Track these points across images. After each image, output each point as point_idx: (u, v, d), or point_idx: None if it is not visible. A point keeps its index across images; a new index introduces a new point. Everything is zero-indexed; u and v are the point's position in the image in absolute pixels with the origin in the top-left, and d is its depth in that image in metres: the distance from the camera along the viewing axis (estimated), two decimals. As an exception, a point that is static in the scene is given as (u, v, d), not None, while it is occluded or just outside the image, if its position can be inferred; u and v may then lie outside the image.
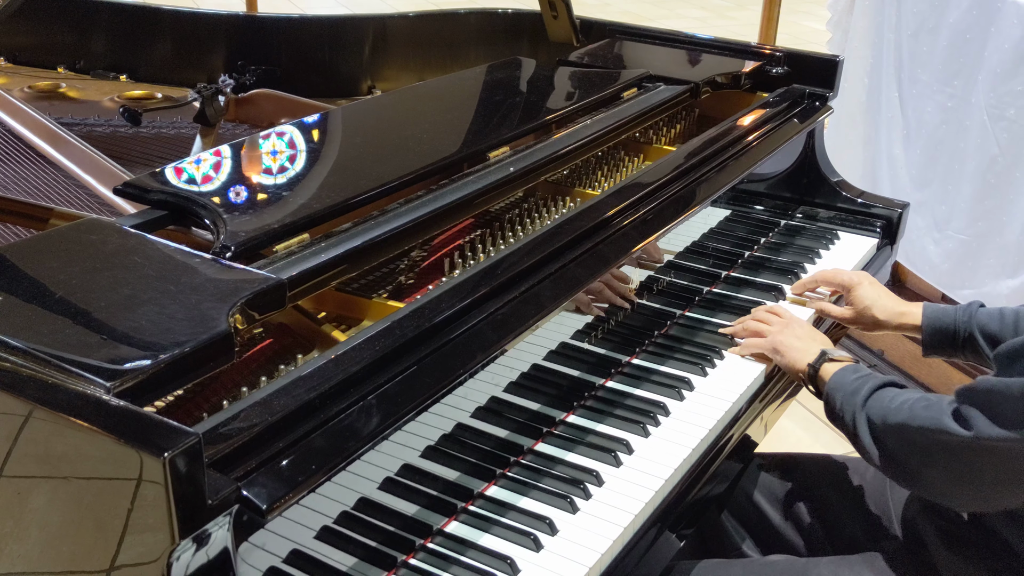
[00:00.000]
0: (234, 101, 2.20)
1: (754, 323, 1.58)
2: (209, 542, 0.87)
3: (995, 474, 1.12)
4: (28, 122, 1.87)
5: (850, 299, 1.64)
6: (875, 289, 1.62)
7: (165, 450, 0.80)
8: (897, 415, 1.19)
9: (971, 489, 1.15)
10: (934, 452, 1.14)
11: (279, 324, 1.24)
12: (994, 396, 1.08)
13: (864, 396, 1.26)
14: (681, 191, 1.62)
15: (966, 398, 1.11)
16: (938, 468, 1.15)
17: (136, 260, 1.11)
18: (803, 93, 2.04)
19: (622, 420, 1.38)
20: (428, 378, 1.13)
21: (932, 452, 1.14)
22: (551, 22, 2.25)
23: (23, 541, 0.95)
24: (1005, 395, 1.07)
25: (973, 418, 1.09)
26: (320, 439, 1.00)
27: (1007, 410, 1.07)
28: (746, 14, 7.33)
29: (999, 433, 1.06)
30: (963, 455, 1.11)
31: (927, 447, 1.15)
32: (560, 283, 1.34)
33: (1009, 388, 1.06)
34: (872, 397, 1.25)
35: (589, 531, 1.18)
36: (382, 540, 1.11)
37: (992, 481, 1.13)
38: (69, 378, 0.90)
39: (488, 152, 1.52)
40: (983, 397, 1.09)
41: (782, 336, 1.50)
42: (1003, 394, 1.07)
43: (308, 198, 1.31)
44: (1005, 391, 1.07)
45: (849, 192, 2.08)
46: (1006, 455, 1.08)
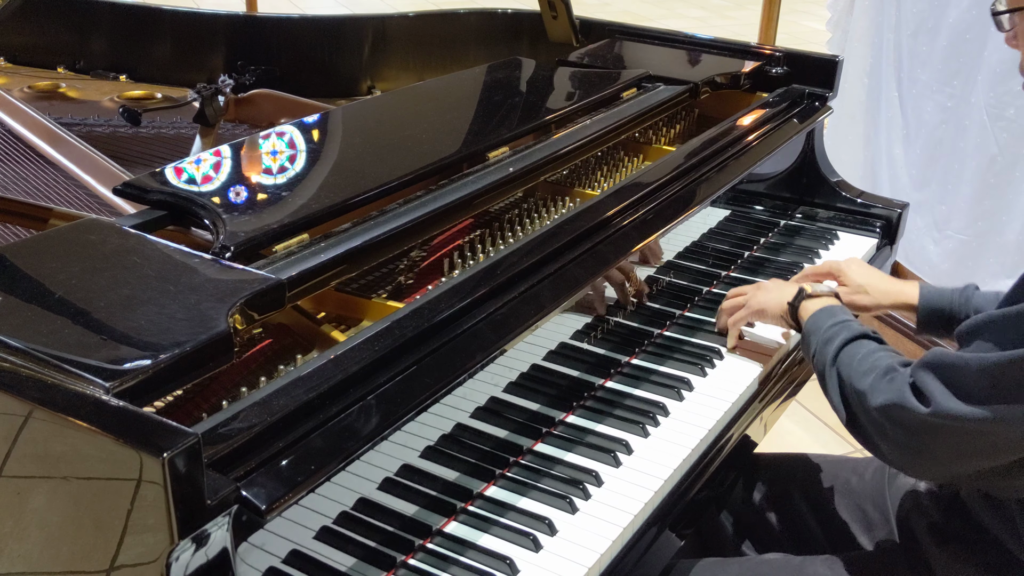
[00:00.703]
0: (234, 101, 2.20)
1: (728, 301, 1.58)
2: (208, 542, 0.87)
3: (950, 448, 1.12)
4: (28, 122, 1.87)
5: (843, 282, 1.64)
6: (866, 269, 1.63)
7: (164, 450, 0.80)
8: (862, 381, 1.19)
9: (926, 461, 1.16)
10: (892, 425, 1.15)
11: (278, 324, 1.24)
12: (953, 371, 1.09)
13: (835, 349, 1.25)
14: (681, 191, 1.62)
15: (926, 370, 1.12)
16: (895, 440, 1.15)
17: (135, 260, 1.11)
18: (803, 93, 2.04)
19: (621, 420, 1.38)
20: (427, 378, 1.13)
21: (890, 425, 1.15)
22: (551, 22, 2.25)
23: (23, 541, 0.95)
24: (963, 370, 1.08)
25: (931, 392, 1.10)
26: (319, 439, 1.00)
27: (964, 384, 1.08)
28: (745, 14, 7.33)
29: (956, 407, 1.07)
30: (920, 430, 1.12)
31: (885, 420, 1.15)
32: (559, 283, 1.34)
33: (967, 363, 1.08)
34: (843, 351, 1.24)
35: (588, 531, 1.18)
36: (381, 540, 1.11)
37: (947, 455, 1.13)
38: (68, 378, 0.90)
39: (488, 152, 1.53)
40: (942, 371, 1.10)
41: (757, 297, 1.51)
42: (961, 369, 1.08)
43: (307, 198, 1.31)
44: (963, 366, 1.08)
45: (849, 192, 2.08)
46: (960, 431, 1.09)
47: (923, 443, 1.13)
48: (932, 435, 1.12)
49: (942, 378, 1.10)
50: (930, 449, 1.14)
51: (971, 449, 1.11)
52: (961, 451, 1.12)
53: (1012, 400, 1.05)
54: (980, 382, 1.07)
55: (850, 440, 1.30)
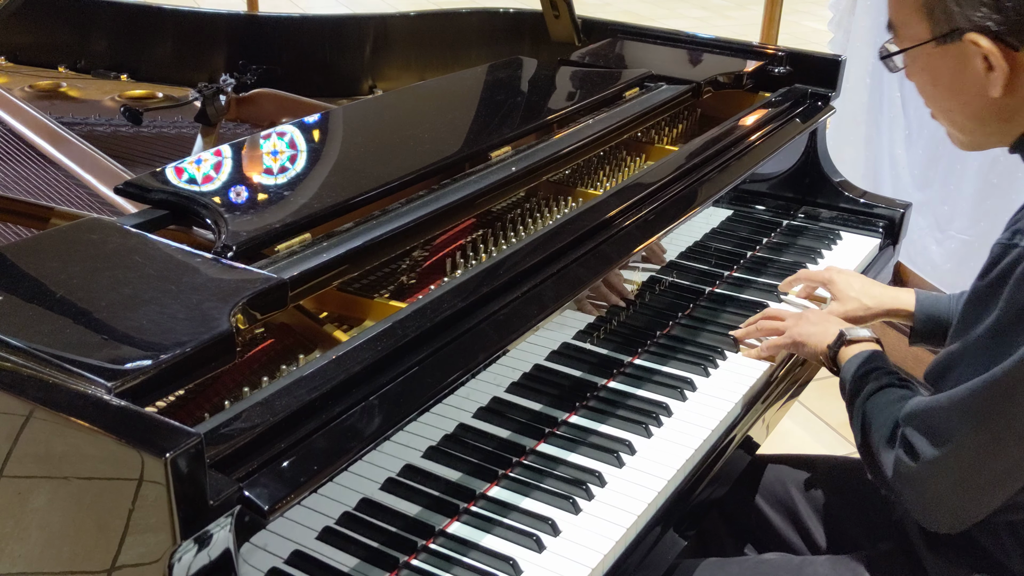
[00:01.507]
0: (235, 100, 2.19)
1: (768, 323, 1.57)
2: (211, 543, 0.87)
3: (955, 493, 1.13)
4: (29, 121, 1.87)
5: (835, 293, 1.63)
6: (857, 279, 1.62)
7: (167, 450, 0.80)
8: (875, 439, 1.20)
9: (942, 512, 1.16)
10: (901, 484, 1.17)
11: (281, 324, 1.24)
12: (929, 415, 1.12)
13: (862, 401, 1.26)
14: (683, 191, 1.61)
15: (908, 425, 1.14)
16: (908, 496, 1.17)
17: (137, 260, 1.11)
18: (805, 93, 2.04)
19: (624, 420, 1.38)
20: (430, 378, 1.12)
21: (899, 485, 1.17)
22: (552, 22, 2.25)
23: (24, 541, 0.95)
24: (936, 410, 1.10)
25: (917, 445, 1.12)
26: (322, 439, 1.00)
27: (940, 426, 1.10)
28: (746, 14, 7.33)
29: (941, 453, 1.09)
30: (921, 484, 1.14)
31: (893, 480, 1.17)
32: (562, 283, 1.33)
33: (939, 402, 1.10)
34: (868, 403, 1.25)
35: (592, 532, 1.18)
36: (384, 541, 1.11)
37: (956, 500, 1.14)
38: (70, 378, 0.89)
39: (490, 152, 1.52)
40: (920, 419, 1.13)
41: (799, 327, 1.49)
42: (934, 410, 1.11)
43: (309, 198, 1.31)
44: (936, 406, 1.11)
45: (851, 192, 2.08)
46: (956, 473, 1.11)
47: (932, 493, 1.14)
48: (934, 483, 1.13)
49: (923, 428, 1.12)
50: (940, 496, 1.14)
51: (974, 485, 1.11)
52: (965, 490, 1.12)
53: (992, 427, 1.06)
54: (957, 418, 1.08)
55: (852, 441, 1.30)
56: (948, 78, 1.15)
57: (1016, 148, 1.19)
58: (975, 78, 1.11)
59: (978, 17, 1.07)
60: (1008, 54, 1.08)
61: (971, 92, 1.13)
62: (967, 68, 1.11)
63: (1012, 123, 1.15)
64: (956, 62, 1.12)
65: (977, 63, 1.10)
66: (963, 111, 1.17)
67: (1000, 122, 1.15)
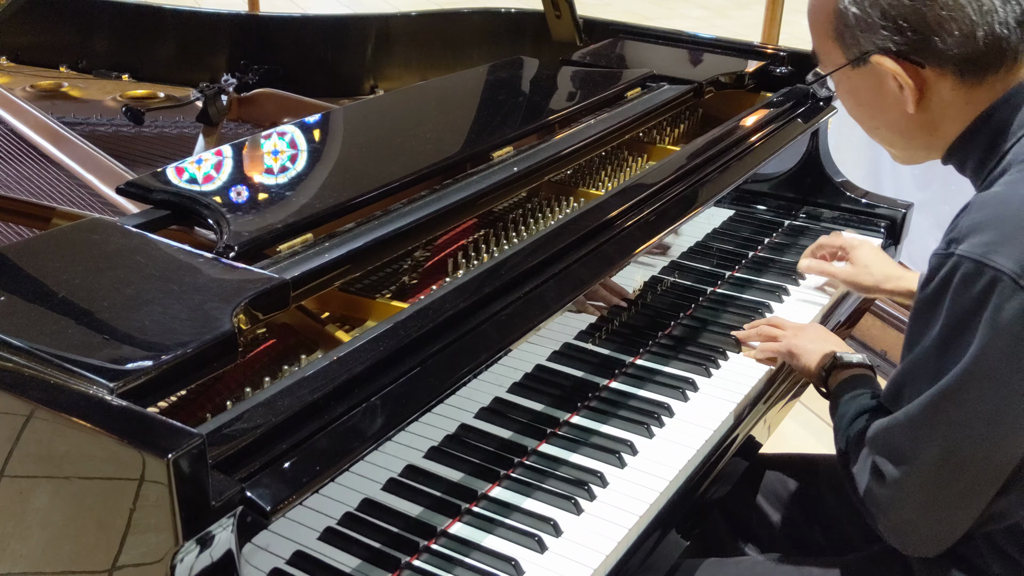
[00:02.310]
0: (237, 101, 2.19)
1: (768, 328, 1.58)
2: (213, 543, 0.87)
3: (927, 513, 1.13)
4: (30, 121, 1.87)
5: (850, 258, 1.67)
6: (875, 252, 1.65)
7: (169, 451, 0.80)
8: (853, 463, 1.20)
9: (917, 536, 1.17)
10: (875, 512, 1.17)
11: (283, 324, 1.23)
12: (888, 435, 1.13)
13: (847, 423, 1.26)
14: (685, 191, 1.61)
15: (871, 448, 1.15)
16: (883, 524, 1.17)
17: (139, 260, 1.11)
18: (807, 93, 2.03)
19: (626, 421, 1.38)
20: (432, 379, 1.12)
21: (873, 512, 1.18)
22: (554, 21, 2.24)
23: (25, 541, 0.95)
24: (895, 429, 1.11)
25: (882, 467, 1.13)
26: (324, 440, 1.00)
27: (900, 445, 1.11)
28: (747, 14, 7.32)
29: (905, 472, 1.10)
30: (893, 510, 1.14)
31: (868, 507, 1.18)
32: (564, 283, 1.33)
33: (896, 421, 1.11)
34: (851, 426, 1.25)
35: (594, 532, 1.18)
36: (386, 541, 1.11)
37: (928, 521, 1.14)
38: (72, 378, 0.89)
39: (491, 152, 1.52)
40: (881, 441, 1.13)
41: (796, 340, 1.50)
42: (894, 428, 1.12)
43: (311, 198, 1.31)
44: (894, 426, 1.12)
45: (853, 192, 2.08)
46: (918, 491, 1.11)
47: (902, 516, 1.15)
48: (903, 508, 1.13)
49: (885, 451, 1.13)
50: (910, 519, 1.14)
51: (944, 503, 1.12)
52: (936, 509, 1.12)
53: (951, 436, 1.06)
54: (915, 434, 1.09)
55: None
56: (869, 99, 1.19)
57: (947, 159, 1.22)
58: (892, 97, 1.15)
59: (880, 40, 1.11)
60: (914, 72, 1.12)
61: (891, 110, 1.17)
62: (882, 88, 1.15)
63: (936, 136, 1.19)
64: (872, 83, 1.16)
65: (890, 82, 1.14)
66: (889, 128, 1.21)
67: (926, 135, 1.19)
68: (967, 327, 1.03)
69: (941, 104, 1.14)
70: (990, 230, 1.03)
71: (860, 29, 1.13)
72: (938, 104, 1.14)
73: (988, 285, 1.01)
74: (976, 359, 1.02)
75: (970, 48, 1.09)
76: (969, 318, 1.03)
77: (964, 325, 1.04)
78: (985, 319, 1.01)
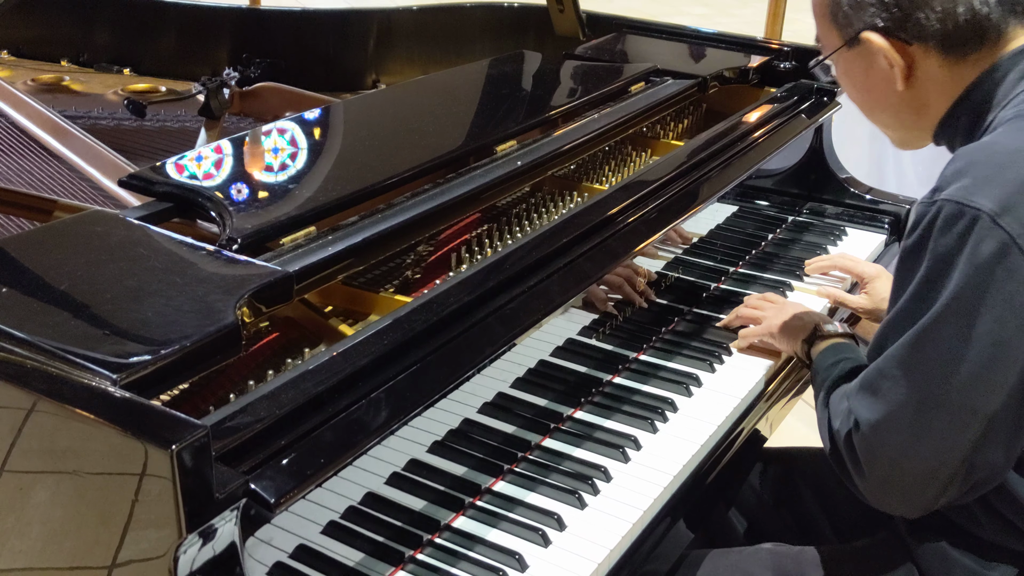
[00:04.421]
0: (239, 94, 2.19)
1: (748, 310, 1.58)
2: (216, 536, 0.86)
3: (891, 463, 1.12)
4: (32, 115, 1.86)
5: (868, 290, 1.66)
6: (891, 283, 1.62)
7: (172, 443, 0.80)
8: (836, 422, 1.20)
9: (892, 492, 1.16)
10: (854, 465, 1.16)
11: (286, 318, 1.23)
12: (867, 379, 1.13)
13: (827, 390, 1.26)
14: (688, 186, 1.61)
15: (855, 397, 1.15)
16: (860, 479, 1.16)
17: (141, 252, 1.10)
18: (811, 88, 2.03)
19: (630, 416, 1.37)
20: (435, 373, 1.12)
21: (854, 465, 1.16)
22: (557, 16, 2.24)
23: (26, 536, 0.94)
24: (874, 373, 1.12)
25: (858, 410, 1.13)
26: (328, 433, 1.00)
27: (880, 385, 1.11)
28: (749, 11, 7.31)
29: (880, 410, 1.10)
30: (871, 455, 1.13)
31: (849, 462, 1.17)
32: (568, 278, 1.33)
33: (876, 365, 1.12)
34: (832, 394, 1.25)
35: (598, 527, 1.18)
36: (389, 535, 1.10)
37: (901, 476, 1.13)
38: (75, 370, 0.89)
39: (495, 146, 1.51)
40: (860, 386, 1.14)
41: (777, 318, 1.51)
42: (873, 372, 1.12)
43: (314, 191, 1.30)
44: (873, 369, 1.12)
45: (857, 188, 2.07)
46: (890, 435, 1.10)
47: (878, 465, 1.13)
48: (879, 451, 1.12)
49: (862, 395, 1.13)
50: (886, 469, 1.13)
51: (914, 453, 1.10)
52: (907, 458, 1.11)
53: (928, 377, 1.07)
54: (891, 375, 1.09)
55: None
56: (862, 78, 1.23)
57: (938, 139, 1.24)
58: (883, 75, 1.19)
59: (868, 17, 1.16)
60: (902, 48, 1.16)
61: (882, 89, 1.21)
62: (874, 67, 1.19)
63: (923, 115, 1.22)
64: (865, 62, 1.20)
65: (880, 60, 1.18)
66: (881, 108, 1.25)
67: (914, 116, 1.22)
68: (947, 268, 1.04)
69: (928, 81, 1.18)
70: (971, 174, 1.05)
71: (851, 7, 1.17)
72: (925, 81, 1.18)
73: (968, 225, 1.02)
74: (954, 296, 1.03)
75: (951, 24, 1.13)
76: (950, 258, 1.04)
77: (944, 266, 1.05)
78: (964, 257, 1.03)
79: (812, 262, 1.80)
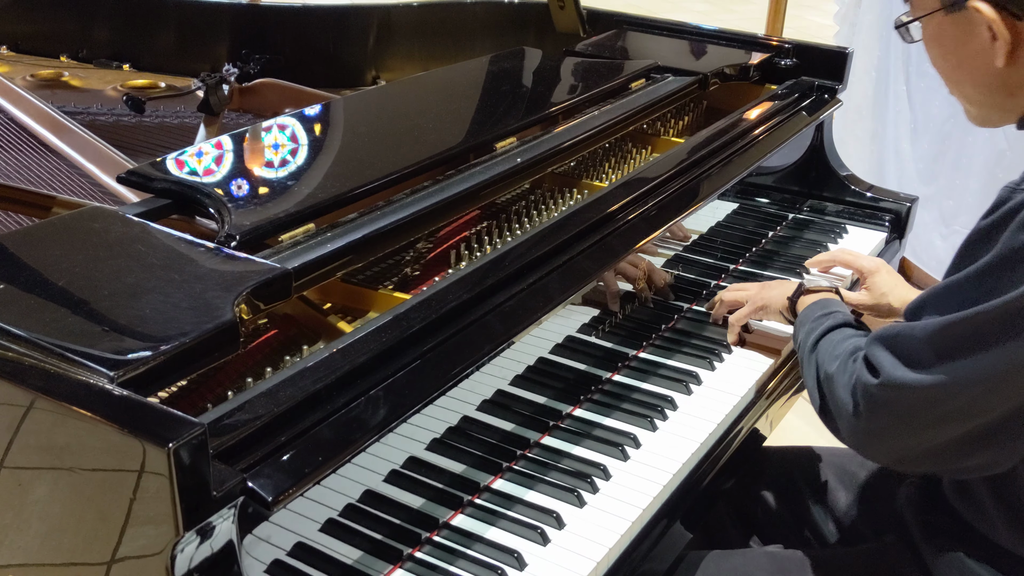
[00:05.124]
0: (238, 90, 2.18)
1: (731, 294, 1.58)
2: (213, 534, 0.86)
3: (900, 421, 1.12)
4: (31, 110, 1.86)
5: (868, 285, 1.65)
6: (892, 277, 1.62)
7: (169, 440, 0.79)
8: (831, 365, 1.19)
9: (879, 438, 1.16)
10: (851, 404, 1.15)
11: (284, 315, 1.23)
12: (900, 340, 1.11)
13: (816, 337, 1.26)
14: (689, 184, 1.60)
15: (876, 344, 1.13)
16: (853, 419, 1.15)
17: (140, 248, 1.10)
18: (812, 85, 2.03)
19: (629, 414, 1.37)
20: (434, 370, 1.11)
21: (850, 404, 1.15)
22: (558, 12, 2.23)
23: (24, 532, 0.94)
24: (909, 339, 1.09)
25: (881, 363, 1.11)
26: (326, 431, 0.99)
27: (911, 352, 1.09)
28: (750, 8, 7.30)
29: (903, 375, 1.08)
30: (873, 403, 1.12)
31: (847, 399, 1.16)
32: (567, 276, 1.33)
33: (913, 331, 1.09)
34: (823, 339, 1.24)
35: (597, 525, 1.17)
36: (388, 533, 1.10)
37: (898, 429, 1.13)
38: (72, 367, 0.89)
39: (495, 143, 1.51)
40: (890, 342, 1.11)
41: (760, 294, 1.52)
42: (907, 338, 1.10)
43: (313, 188, 1.30)
44: (909, 335, 1.10)
45: (858, 186, 2.07)
46: (909, 401, 1.09)
47: (876, 417, 1.13)
48: (884, 408, 1.11)
49: (891, 348, 1.11)
50: (883, 423, 1.13)
51: (921, 421, 1.10)
52: (911, 423, 1.11)
53: (956, 364, 1.05)
54: (926, 348, 1.07)
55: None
56: (956, 48, 1.15)
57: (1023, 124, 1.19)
58: (981, 47, 1.12)
59: None
60: (1011, 23, 1.09)
61: (978, 62, 1.13)
62: (973, 37, 1.12)
63: (1016, 97, 1.15)
64: (963, 31, 1.13)
65: (982, 32, 1.10)
66: (971, 82, 1.17)
67: (1006, 95, 1.16)
68: (1017, 266, 1.01)
69: None
70: None
71: None
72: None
73: None
74: (1017, 299, 1.00)
75: None
76: (1022, 258, 1.00)
77: (1014, 263, 1.01)
78: None
79: (813, 260, 1.79)
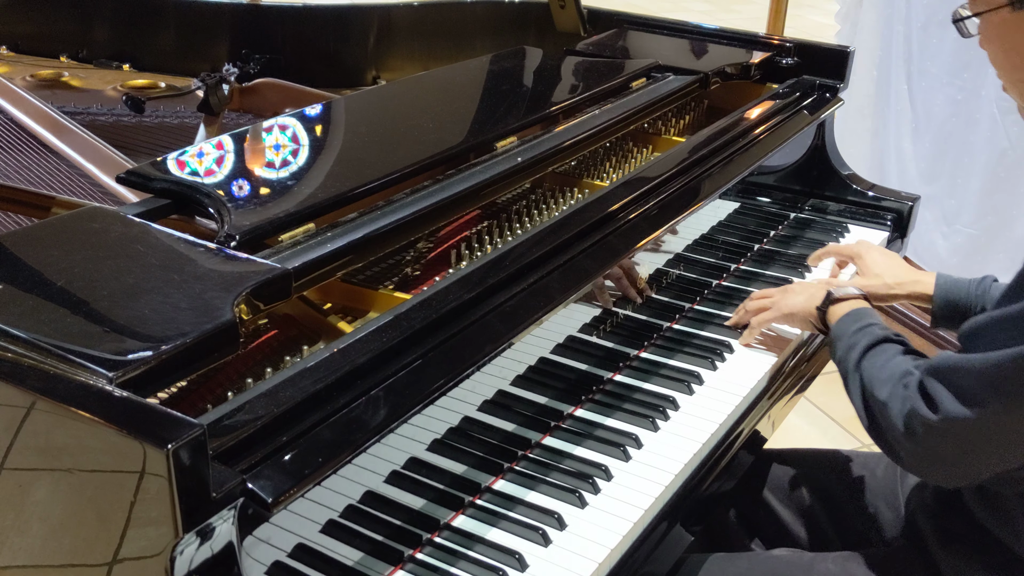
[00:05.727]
0: (238, 90, 2.18)
1: (754, 302, 1.57)
2: (213, 536, 0.86)
3: (963, 452, 1.12)
4: (30, 110, 1.86)
5: (861, 268, 1.63)
6: (884, 257, 1.60)
7: (169, 441, 0.79)
8: (881, 390, 1.19)
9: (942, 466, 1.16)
10: (908, 433, 1.15)
11: (284, 315, 1.22)
12: (957, 374, 1.09)
13: (858, 355, 1.25)
14: (690, 183, 1.60)
15: (933, 376, 1.12)
16: (912, 448, 1.15)
17: (139, 249, 1.09)
18: (813, 84, 2.02)
19: (631, 414, 1.36)
20: (435, 371, 1.11)
21: (906, 433, 1.15)
22: (558, 12, 2.23)
23: (24, 534, 0.94)
24: (967, 372, 1.08)
25: (939, 398, 1.10)
26: (326, 431, 0.99)
27: (969, 387, 1.08)
28: (751, 8, 7.29)
29: (961, 412, 1.07)
30: (932, 435, 1.12)
31: (903, 428, 1.15)
32: (568, 275, 1.32)
33: (971, 363, 1.08)
34: (865, 357, 1.23)
35: (598, 526, 1.17)
36: (388, 534, 1.10)
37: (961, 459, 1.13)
38: (71, 368, 0.88)
39: (495, 142, 1.51)
40: (947, 375, 1.10)
41: (785, 299, 1.50)
42: (965, 370, 1.08)
43: (313, 188, 1.30)
44: (967, 366, 1.08)
45: (860, 185, 2.06)
46: (969, 434, 1.09)
47: (937, 448, 1.13)
48: (943, 440, 1.12)
49: (948, 383, 1.10)
50: (944, 454, 1.14)
51: (983, 451, 1.11)
52: (974, 454, 1.12)
53: (1014, 398, 1.05)
54: (983, 383, 1.06)
55: (859, 436, 1.29)
56: (1020, 45, 1.12)
57: None
58: None
59: None
60: None
61: None
62: None
63: None
64: None
65: None
66: None
67: None
68: None
69: None
70: None
71: None
72: None
73: None
74: None
75: None
76: None
77: None
78: None
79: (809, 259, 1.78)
